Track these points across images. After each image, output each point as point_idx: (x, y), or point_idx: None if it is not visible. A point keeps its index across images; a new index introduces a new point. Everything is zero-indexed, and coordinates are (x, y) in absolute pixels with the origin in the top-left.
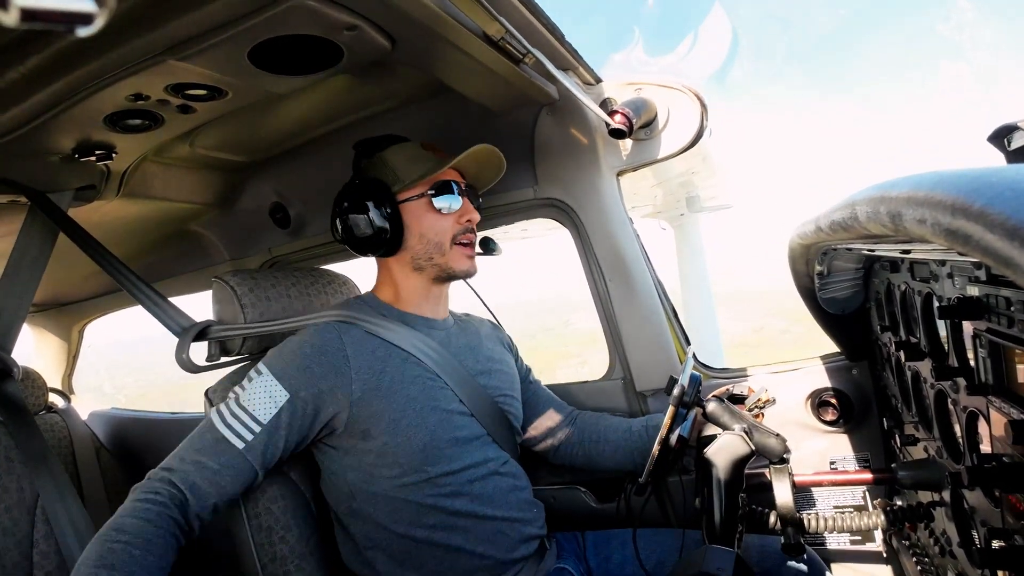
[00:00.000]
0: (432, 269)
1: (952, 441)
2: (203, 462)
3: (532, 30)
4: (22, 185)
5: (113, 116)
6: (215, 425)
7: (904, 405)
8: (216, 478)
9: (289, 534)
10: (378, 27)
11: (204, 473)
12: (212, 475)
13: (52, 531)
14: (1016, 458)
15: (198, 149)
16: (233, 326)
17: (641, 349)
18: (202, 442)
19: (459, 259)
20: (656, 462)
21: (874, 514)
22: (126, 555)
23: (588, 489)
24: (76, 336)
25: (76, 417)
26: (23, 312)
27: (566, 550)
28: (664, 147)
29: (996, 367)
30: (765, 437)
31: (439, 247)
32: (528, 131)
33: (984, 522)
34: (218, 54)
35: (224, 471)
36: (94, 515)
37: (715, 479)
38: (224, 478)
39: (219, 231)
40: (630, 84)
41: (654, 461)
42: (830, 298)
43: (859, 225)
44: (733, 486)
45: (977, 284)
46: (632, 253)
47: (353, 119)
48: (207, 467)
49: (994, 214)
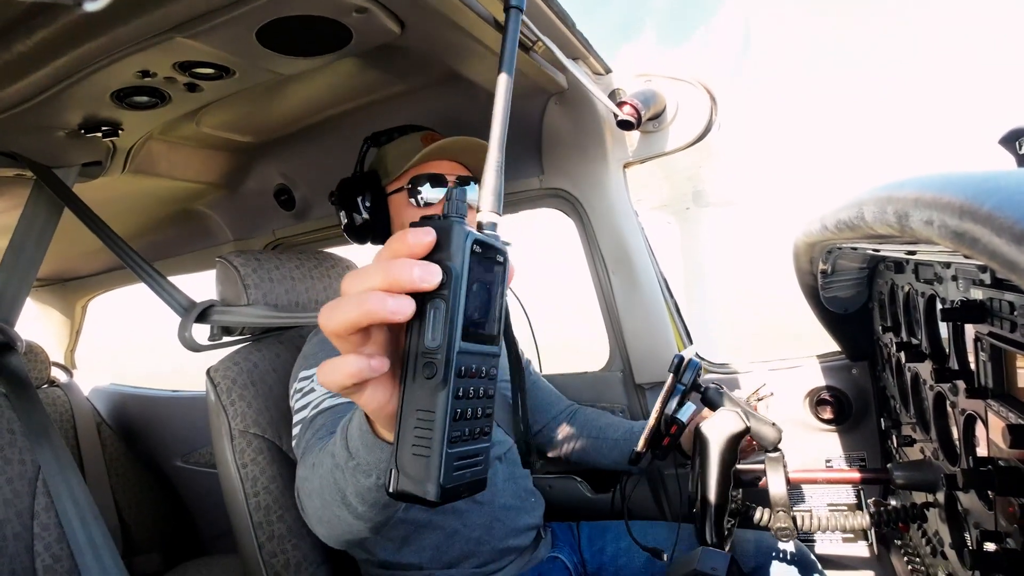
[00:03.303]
0: None
1: (949, 443)
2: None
3: (543, 17)
4: (28, 159)
5: (120, 92)
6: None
7: (902, 406)
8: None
9: (288, 513)
10: (388, 10)
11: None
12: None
13: (52, 503)
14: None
15: (204, 128)
16: (235, 310)
17: (641, 342)
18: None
19: None
20: (651, 438)
21: (868, 513)
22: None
23: (584, 479)
24: (80, 311)
25: (78, 392)
26: (27, 286)
27: (560, 539)
28: (672, 140)
29: (996, 371)
30: (761, 424)
31: None
32: (536, 120)
33: (977, 524)
34: (226, 33)
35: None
36: (94, 489)
37: (707, 450)
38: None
39: (224, 211)
40: (640, 75)
41: (650, 429)
42: (833, 297)
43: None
44: (726, 460)
45: (981, 287)
46: (636, 246)
47: (360, 103)
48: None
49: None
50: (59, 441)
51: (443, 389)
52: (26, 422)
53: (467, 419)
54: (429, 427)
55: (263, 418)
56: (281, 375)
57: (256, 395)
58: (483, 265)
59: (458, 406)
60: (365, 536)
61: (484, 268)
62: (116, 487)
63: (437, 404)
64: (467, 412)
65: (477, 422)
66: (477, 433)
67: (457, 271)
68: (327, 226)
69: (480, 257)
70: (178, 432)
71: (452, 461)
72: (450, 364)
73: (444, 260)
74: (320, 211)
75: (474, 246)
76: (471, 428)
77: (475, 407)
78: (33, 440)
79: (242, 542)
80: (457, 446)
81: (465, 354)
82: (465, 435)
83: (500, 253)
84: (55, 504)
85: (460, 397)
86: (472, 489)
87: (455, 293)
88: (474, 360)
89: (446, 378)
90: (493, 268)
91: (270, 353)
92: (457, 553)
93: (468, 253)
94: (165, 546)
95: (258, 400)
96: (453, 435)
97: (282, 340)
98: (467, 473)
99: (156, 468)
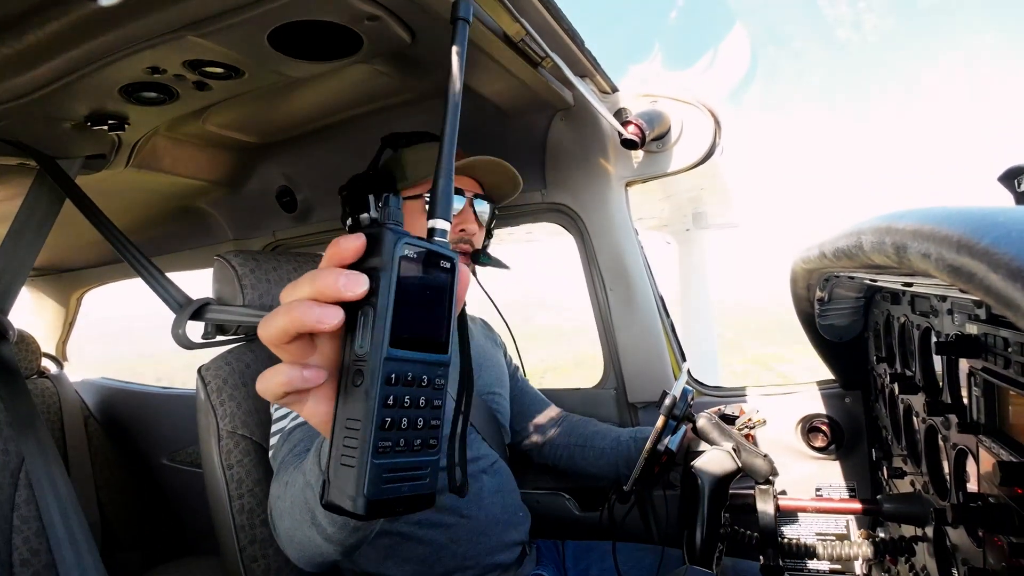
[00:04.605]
0: None
1: (939, 477)
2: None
3: (552, 34)
4: (32, 149)
5: (129, 87)
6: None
7: (894, 437)
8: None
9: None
10: (400, 19)
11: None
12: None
13: (34, 496)
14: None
15: (210, 127)
16: (230, 309)
17: (636, 361)
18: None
19: None
20: (641, 471)
21: (856, 544)
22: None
23: (572, 496)
24: (74, 303)
25: (67, 384)
26: (23, 275)
27: (545, 557)
28: (675, 161)
29: (989, 407)
30: (753, 457)
31: None
32: (541, 134)
33: (965, 561)
34: (238, 33)
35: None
36: (77, 483)
37: (700, 492)
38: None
39: (225, 210)
40: (646, 96)
41: (640, 469)
42: (828, 325)
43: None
44: (717, 501)
45: (976, 322)
46: (635, 264)
47: (367, 109)
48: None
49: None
50: (45, 433)
51: (369, 397)
52: (12, 412)
53: (402, 429)
54: (356, 436)
55: (252, 420)
56: None
57: (246, 396)
58: (423, 272)
59: (387, 415)
60: (336, 559)
61: (424, 275)
62: (100, 482)
63: (363, 412)
64: (401, 422)
65: (416, 432)
66: (418, 445)
67: (385, 278)
68: (328, 229)
69: (417, 263)
70: (165, 429)
71: (381, 473)
72: (376, 370)
73: (374, 267)
74: (321, 214)
75: (407, 252)
76: (408, 438)
77: (412, 416)
78: (18, 430)
79: (224, 544)
80: (387, 457)
81: (397, 361)
82: (400, 445)
83: (446, 259)
84: (37, 497)
85: (390, 406)
86: (412, 505)
87: (382, 300)
88: (410, 367)
89: (372, 385)
90: (437, 275)
91: (263, 355)
92: (442, 567)
93: (397, 260)
94: (146, 544)
95: (248, 401)
96: (382, 445)
97: None
98: (404, 487)
99: (141, 465)
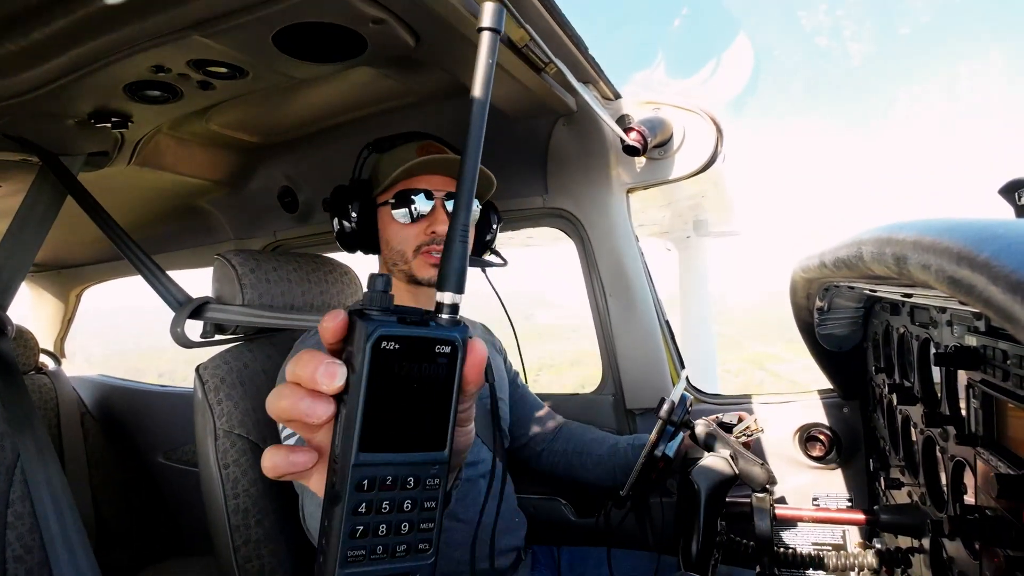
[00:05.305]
0: (400, 274)
1: (937, 489)
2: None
3: (556, 40)
4: (35, 145)
5: (133, 86)
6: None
7: (892, 448)
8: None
9: (266, 518)
10: (404, 23)
11: None
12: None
13: (28, 493)
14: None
15: (213, 126)
16: (229, 308)
17: (635, 367)
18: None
19: (422, 267)
20: (638, 477)
21: (852, 554)
22: None
23: (568, 502)
24: (73, 300)
25: (64, 380)
26: (23, 271)
27: (541, 563)
28: (677, 168)
29: (987, 419)
30: (750, 465)
31: (402, 255)
32: (543, 140)
33: (962, 573)
34: (243, 34)
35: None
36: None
37: (696, 499)
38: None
39: (226, 210)
40: (648, 103)
41: (637, 475)
42: (828, 334)
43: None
44: (713, 507)
45: (976, 334)
46: (635, 270)
47: (370, 111)
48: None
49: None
50: (41, 429)
51: (338, 504)
52: (9, 408)
53: (379, 535)
54: (328, 540)
55: (249, 419)
56: (271, 377)
57: (244, 396)
58: (409, 362)
59: (359, 523)
60: None
61: (411, 366)
62: (95, 479)
63: (333, 518)
64: (377, 529)
65: (399, 538)
66: (402, 550)
67: (355, 376)
68: (328, 231)
69: (401, 355)
70: (162, 428)
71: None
72: (343, 477)
73: (351, 360)
74: (322, 215)
75: (384, 344)
76: (387, 545)
77: (392, 522)
78: (15, 426)
79: (218, 544)
80: (360, 565)
81: (371, 465)
82: (377, 553)
83: (444, 344)
84: (31, 493)
85: (362, 513)
86: None
87: (352, 399)
88: (391, 471)
89: (339, 493)
90: (430, 364)
91: (261, 354)
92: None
93: (367, 355)
94: (141, 543)
95: (245, 401)
96: (352, 555)
97: (274, 342)
98: None
99: (137, 462)
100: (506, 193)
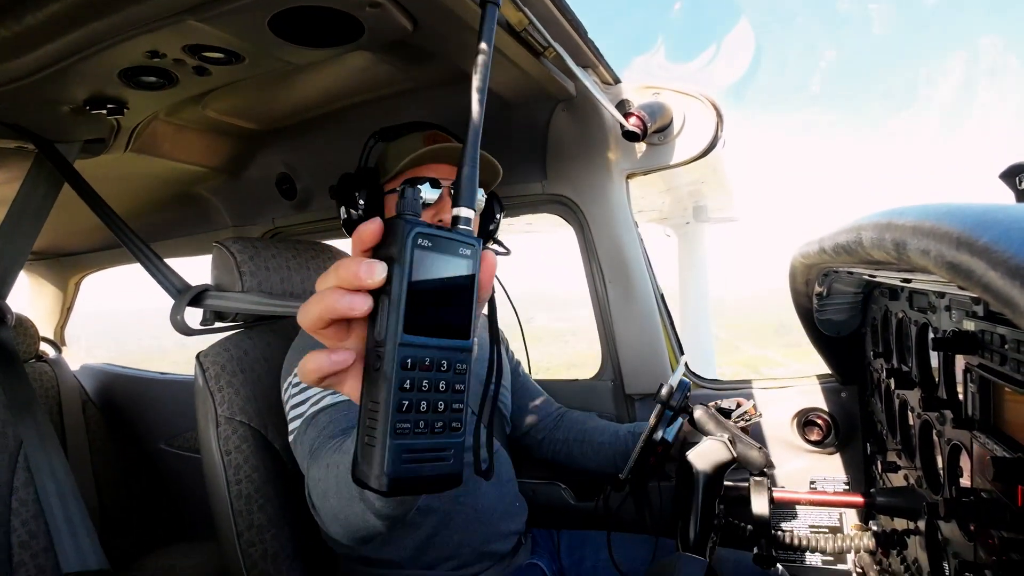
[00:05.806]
0: None
1: (933, 472)
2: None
3: (555, 24)
4: (31, 132)
5: (128, 71)
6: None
7: (889, 432)
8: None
9: (268, 504)
10: (402, 7)
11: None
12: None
13: (32, 479)
14: (994, 494)
15: (210, 112)
16: (228, 296)
17: (634, 353)
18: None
19: None
20: (637, 461)
21: (848, 537)
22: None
23: (568, 486)
24: (72, 288)
25: (65, 368)
26: (22, 259)
27: (540, 546)
28: (677, 154)
29: (984, 403)
30: (748, 448)
31: None
32: (542, 125)
33: (956, 554)
34: (238, 18)
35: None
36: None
37: (694, 482)
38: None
39: (224, 197)
40: (648, 88)
41: (635, 459)
42: (827, 320)
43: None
44: (711, 490)
45: (974, 319)
46: (634, 256)
47: (368, 97)
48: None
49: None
50: (43, 417)
51: (385, 380)
52: (11, 396)
53: (420, 412)
54: (375, 417)
55: (250, 406)
56: (271, 364)
57: (245, 382)
58: (440, 260)
59: (404, 398)
60: (380, 532)
61: (442, 261)
62: (97, 466)
63: (380, 395)
64: (419, 405)
65: (437, 416)
66: (439, 427)
67: (398, 267)
68: (327, 217)
69: (433, 252)
70: (163, 415)
71: (400, 453)
72: (391, 356)
73: (391, 256)
74: (321, 202)
75: (420, 241)
76: (427, 421)
77: (432, 400)
78: (16, 414)
79: (221, 529)
80: (406, 438)
81: (412, 347)
82: (420, 428)
83: (466, 246)
84: (35, 480)
85: (407, 389)
86: (436, 484)
87: (396, 288)
88: (428, 353)
89: (388, 370)
90: (456, 262)
91: (261, 342)
92: (437, 554)
93: (409, 249)
94: (143, 529)
95: (246, 388)
96: (400, 427)
97: (274, 329)
98: (425, 467)
99: (139, 450)
100: (505, 179)
